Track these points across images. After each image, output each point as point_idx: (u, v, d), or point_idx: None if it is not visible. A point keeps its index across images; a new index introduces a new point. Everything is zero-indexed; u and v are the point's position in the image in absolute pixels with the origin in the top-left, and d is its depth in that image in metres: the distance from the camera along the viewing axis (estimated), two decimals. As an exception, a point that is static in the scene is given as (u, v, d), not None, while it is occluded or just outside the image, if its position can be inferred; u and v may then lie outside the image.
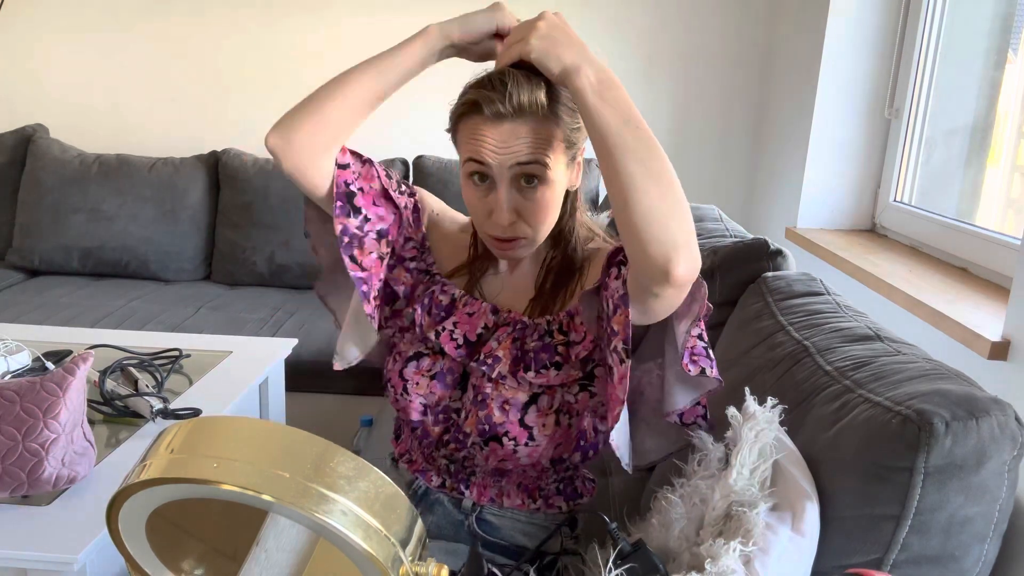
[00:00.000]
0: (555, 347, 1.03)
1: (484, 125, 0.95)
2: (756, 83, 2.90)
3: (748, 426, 0.88)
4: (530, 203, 0.98)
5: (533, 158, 0.95)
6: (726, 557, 0.78)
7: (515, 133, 0.94)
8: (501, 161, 0.95)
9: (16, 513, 1.12)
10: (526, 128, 0.94)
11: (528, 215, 0.98)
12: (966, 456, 0.79)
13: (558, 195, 1.00)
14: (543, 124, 0.95)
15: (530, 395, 1.02)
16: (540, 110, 0.94)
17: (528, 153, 0.95)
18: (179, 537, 0.66)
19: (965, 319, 1.46)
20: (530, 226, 0.99)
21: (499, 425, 1.02)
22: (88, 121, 3.06)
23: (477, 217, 1.01)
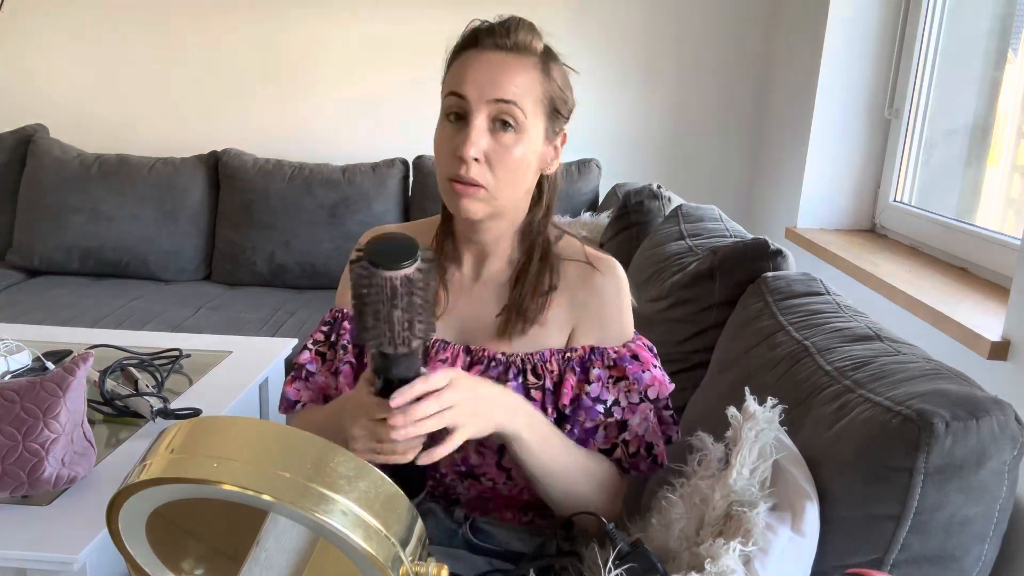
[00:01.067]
0: (528, 390, 1.01)
1: (477, 58, 0.95)
2: (756, 83, 2.90)
3: (748, 426, 0.88)
4: (500, 149, 0.94)
5: (514, 98, 0.93)
6: (726, 557, 0.78)
7: (504, 67, 0.94)
8: (481, 92, 0.93)
9: (16, 513, 1.12)
10: (517, 68, 0.94)
11: (495, 162, 0.94)
12: (966, 456, 0.79)
13: (530, 157, 0.97)
14: (534, 73, 0.95)
15: None
16: (536, 56, 0.96)
17: (511, 92, 0.93)
18: (179, 537, 0.66)
19: (965, 319, 1.46)
20: (494, 175, 0.95)
21: (476, 467, 1.00)
22: (88, 121, 3.06)
23: (441, 159, 0.97)
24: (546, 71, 0.97)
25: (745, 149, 2.96)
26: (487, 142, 0.94)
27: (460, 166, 0.94)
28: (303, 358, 1.09)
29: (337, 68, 2.97)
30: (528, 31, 0.97)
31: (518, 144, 0.95)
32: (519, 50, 0.95)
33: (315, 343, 1.09)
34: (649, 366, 1.03)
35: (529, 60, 0.96)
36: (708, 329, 1.43)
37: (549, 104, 0.97)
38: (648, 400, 1.02)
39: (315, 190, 2.78)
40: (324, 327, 1.10)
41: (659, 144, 2.97)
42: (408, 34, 2.92)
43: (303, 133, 3.03)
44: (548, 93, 0.97)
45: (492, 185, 0.95)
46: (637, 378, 1.01)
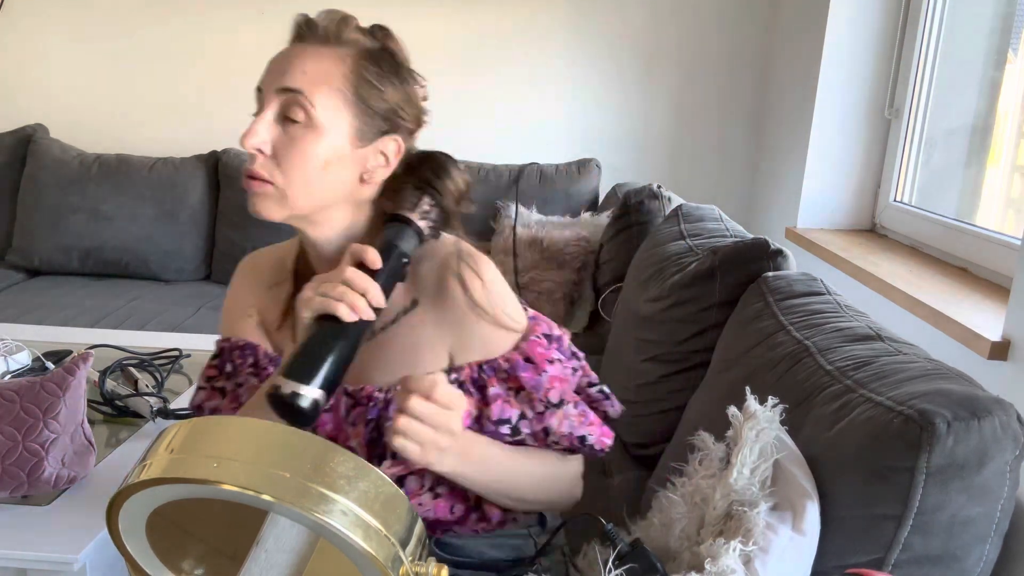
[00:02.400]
0: None
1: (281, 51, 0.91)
2: (756, 83, 2.90)
3: (749, 426, 0.88)
4: (287, 141, 0.86)
5: (300, 87, 0.86)
6: (726, 557, 0.78)
7: (298, 55, 0.88)
8: (271, 81, 0.88)
9: (16, 513, 1.12)
10: (310, 56, 0.88)
11: (282, 155, 0.86)
12: (968, 456, 0.79)
13: (327, 155, 0.87)
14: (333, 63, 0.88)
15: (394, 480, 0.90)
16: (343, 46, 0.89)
17: (296, 80, 0.86)
18: (179, 537, 0.66)
19: (965, 319, 1.46)
20: (280, 170, 0.86)
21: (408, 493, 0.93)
22: (88, 121, 3.06)
23: None
24: (357, 67, 0.88)
25: (745, 149, 2.96)
26: (274, 134, 0.87)
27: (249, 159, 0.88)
28: (199, 399, 1.01)
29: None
30: (340, 23, 0.90)
31: (307, 138, 0.86)
32: (320, 40, 0.89)
33: (208, 380, 1.02)
34: (544, 365, 0.92)
35: (330, 50, 0.88)
36: (708, 329, 1.43)
37: (358, 103, 0.88)
38: (553, 406, 0.92)
39: (315, 190, 2.77)
40: (214, 361, 1.03)
41: (659, 144, 2.97)
42: (406, 34, 2.91)
43: (303, 133, 3.03)
44: (356, 89, 0.88)
45: (280, 181, 0.87)
46: (535, 386, 0.91)
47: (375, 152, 0.91)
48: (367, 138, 0.90)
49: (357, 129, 0.89)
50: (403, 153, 0.93)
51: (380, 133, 0.90)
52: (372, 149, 0.90)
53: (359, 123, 0.89)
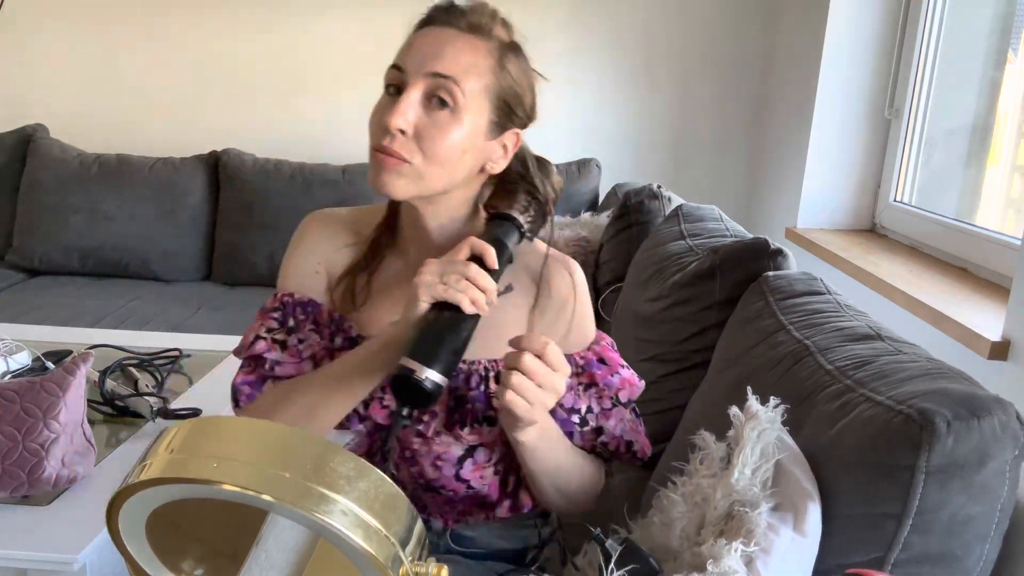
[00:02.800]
0: (490, 398, 0.96)
1: (426, 33, 0.90)
2: (756, 83, 2.90)
3: (750, 426, 0.88)
4: (432, 126, 0.87)
5: (454, 75, 0.86)
6: (728, 557, 0.78)
7: (451, 42, 0.88)
8: (421, 63, 0.87)
9: (16, 513, 1.12)
10: (464, 46, 0.88)
11: (425, 137, 0.87)
12: (968, 455, 0.79)
13: (467, 143, 0.89)
14: (484, 57, 0.89)
15: (465, 449, 0.95)
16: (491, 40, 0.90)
17: (451, 68, 0.87)
18: (179, 537, 0.66)
19: (965, 319, 1.46)
20: (421, 151, 0.87)
21: (434, 480, 0.96)
22: (88, 121, 3.06)
23: (371, 132, 0.92)
24: (502, 61, 0.90)
25: (745, 149, 2.96)
26: (418, 115, 0.87)
27: (385, 136, 0.88)
28: (259, 348, 0.98)
29: (337, 68, 2.97)
30: (490, 17, 0.91)
31: (453, 125, 0.87)
32: (473, 31, 0.90)
33: (269, 331, 1.00)
34: (617, 368, 0.99)
35: (482, 43, 0.89)
36: (709, 328, 1.43)
37: (498, 95, 0.90)
38: (621, 404, 0.99)
39: (315, 190, 2.77)
40: (274, 314, 1.01)
41: (659, 144, 2.97)
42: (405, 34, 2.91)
43: (303, 133, 3.03)
44: (499, 83, 0.90)
45: (418, 161, 0.88)
46: (607, 383, 0.98)
47: (499, 144, 0.94)
48: (497, 131, 0.92)
49: (491, 122, 0.91)
50: (519, 146, 0.96)
51: (507, 127, 0.93)
52: (498, 141, 0.93)
53: (494, 116, 0.91)
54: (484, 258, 0.87)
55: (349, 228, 1.04)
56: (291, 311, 1.01)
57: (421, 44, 0.89)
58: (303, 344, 0.99)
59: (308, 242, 1.04)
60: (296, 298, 1.01)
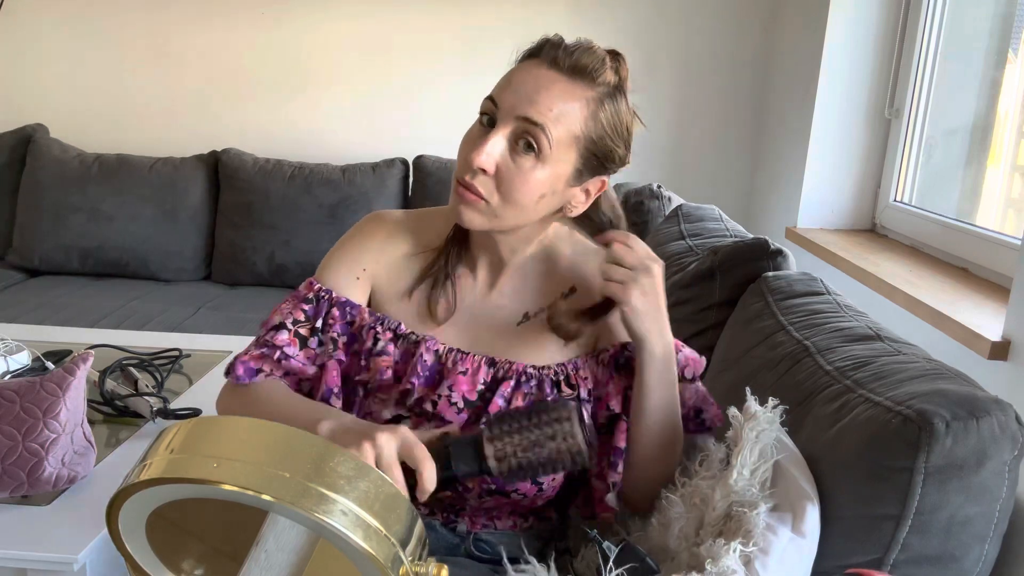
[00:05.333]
0: None
1: (528, 69, 0.88)
2: (756, 83, 2.90)
3: (749, 426, 0.88)
4: (514, 168, 0.87)
5: (543, 122, 0.85)
6: (726, 558, 0.78)
7: (547, 87, 0.86)
8: (514, 104, 0.86)
9: (16, 513, 1.12)
10: (560, 93, 0.86)
11: (505, 179, 0.87)
12: (966, 456, 0.79)
13: (546, 188, 0.89)
14: (579, 105, 0.87)
15: None
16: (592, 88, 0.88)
17: (542, 115, 0.86)
18: (179, 537, 0.66)
19: (965, 319, 1.46)
20: (500, 193, 0.88)
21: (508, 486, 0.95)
22: (88, 121, 3.06)
23: (459, 160, 0.92)
24: (595, 110, 0.88)
25: (745, 149, 2.96)
26: (502, 156, 0.87)
27: (468, 172, 0.88)
28: (280, 339, 0.97)
29: (337, 68, 2.97)
30: (596, 59, 0.88)
31: (536, 170, 0.87)
32: (574, 74, 0.87)
33: (295, 323, 0.98)
34: (680, 347, 1.00)
35: (581, 90, 0.87)
36: (708, 329, 1.43)
37: (587, 145, 0.89)
38: (686, 380, 1.01)
39: (315, 190, 2.78)
40: (306, 305, 0.99)
41: (659, 144, 2.97)
42: (408, 34, 2.92)
43: (303, 133, 3.03)
44: (588, 133, 0.88)
45: (495, 202, 0.89)
46: None
47: (582, 190, 0.94)
48: (581, 178, 0.92)
49: (576, 170, 0.91)
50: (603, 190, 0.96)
51: (593, 174, 0.93)
52: (580, 188, 0.93)
53: (580, 165, 0.90)
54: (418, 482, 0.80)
55: (411, 236, 1.03)
56: (325, 308, 0.99)
57: (519, 82, 0.88)
58: (320, 348, 0.98)
59: (362, 242, 1.03)
60: (335, 296, 1.00)
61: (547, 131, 0.86)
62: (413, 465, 0.80)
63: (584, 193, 0.94)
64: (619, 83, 0.91)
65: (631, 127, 0.94)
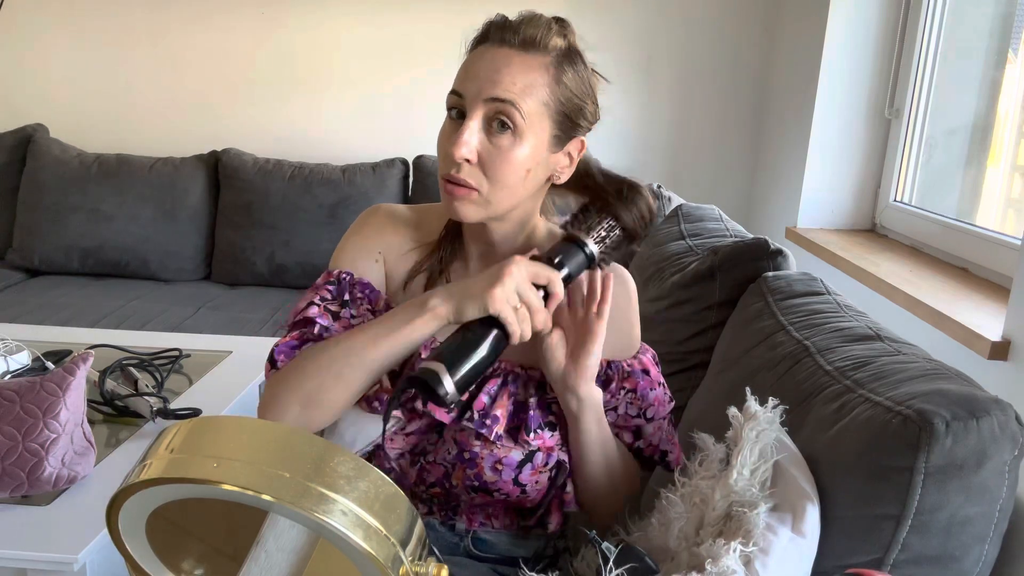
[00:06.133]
0: (549, 404, 0.98)
1: (481, 54, 0.90)
2: (756, 83, 2.90)
3: (749, 426, 0.88)
4: (495, 150, 0.88)
5: (511, 98, 0.87)
6: (727, 557, 0.78)
7: (506, 65, 0.88)
8: (479, 89, 0.88)
9: (16, 513, 1.12)
10: (519, 66, 0.88)
11: (489, 163, 0.88)
12: (966, 456, 0.79)
13: (530, 162, 0.90)
14: (540, 73, 0.89)
15: (525, 453, 0.95)
16: (547, 54, 0.90)
17: (508, 91, 0.87)
18: (179, 537, 0.66)
19: (965, 319, 1.46)
20: (488, 177, 0.89)
21: (491, 483, 0.96)
22: (88, 121, 3.06)
23: (439, 157, 0.92)
24: (557, 73, 0.90)
25: (745, 149, 2.96)
26: (480, 143, 0.88)
27: (452, 166, 0.89)
28: (312, 312, 0.97)
29: (337, 68, 2.97)
30: (543, 27, 0.90)
31: (515, 147, 0.88)
32: (527, 47, 0.89)
33: (323, 300, 0.99)
34: (655, 384, 1.02)
35: (537, 59, 0.89)
36: (708, 329, 1.43)
37: (557, 109, 0.90)
38: (644, 419, 1.02)
39: (315, 190, 2.78)
40: (329, 287, 1.00)
41: (659, 144, 2.97)
42: (408, 34, 2.92)
43: (303, 133, 3.03)
44: (556, 96, 0.90)
45: (486, 189, 0.90)
46: (643, 395, 1.01)
47: (564, 154, 0.95)
48: (561, 143, 0.93)
49: (553, 136, 0.92)
50: (584, 151, 0.98)
51: (570, 137, 0.94)
52: (562, 152, 0.95)
53: (556, 130, 0.92)
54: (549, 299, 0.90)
55: (412, 230, 1.05)
56: (347, 287, 1.01)
57: (477, 68, 0.89)
58: (355, 319, 0.98)
59: (370, 231, 1.04)
60: (355, 277, 1.01)
61: (517, 105, 0.87)
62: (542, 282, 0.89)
63: (567, 157, 0.96)
64: (570, 45, 0.94)
65: (593, 83, 0.97)
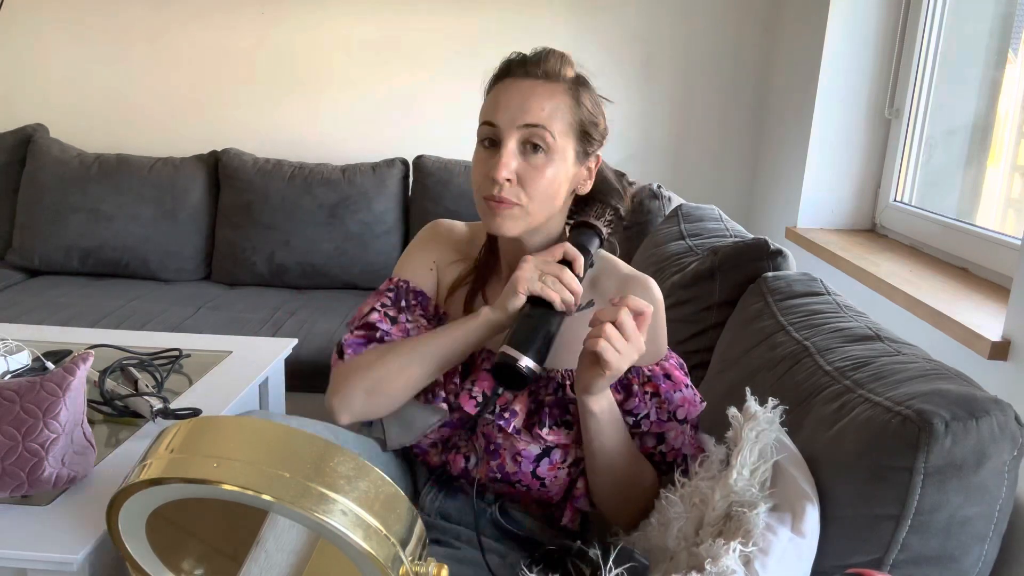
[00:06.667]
0: (567, 404, 1.04)
1: (508, 87, 1.01)
2: (756, 83, 2.90)
3: (749, 426, 0.88)
4: (531, 169, 1.00)
5: (542, 122, 0.99)
6: (726, 557, 0.78)
7: (533, 94, 1.00)
8: (512, 117, 0.99)
9: (16, 513, 1.12)
10: (545, 94, 1.00)
11: (527, 181, 1.00)
12: (966, 456, 0.79)
13: (561, 177, 1.02)
14: (563, 98, 1.01)
15: (543, 448, 1.03)
16: (565, 82, 1.02)
17: (539, 117, 0.99)
18: (179, 537, 0.66)
19: (965, 319, 1.46)
20: (526, 193, 1.00)
21: (512, 474, 1.04)
22: (88, 121, 3.06)
23: (476, 181, 1.03)
24: (576, 97, 1.02)
25: (745, 149, 2.96)
26: (518, 164, 0.99)
27: (494, 187, 0.99)
28: (373, 317, 1.10)
29: (337, 68, 2.97)
30: (557, 59, 1.03)
31: (549, 165, 1.00)
32: (548, 77, 1.01)
33: (383, 306, 1.12)
34: (681, 386, 1.06)
35: (558, 87, 1.01)
36: (708, 329, 1.43)
37: (579, 128, 1.02)
38: (676, 420, 1.05)
39: (315, 190, 2.78)
40: (389, 293, 1.13)
41: (659, 144, 2.97)
42: (408, 35, 2.92)
43: (303, 133, 3.03)
44: (578, 117, 1.02)
45: (525, 201, 1.00)
46: (668, 398, 1.04)
47: (585, 168, 1.07)
48: (582, 159, 1.05)
49: (577, 152, 1.04)
50: (600, 164, 1.09)
51: (588, 152, 1.06)
52: (584, 166, 1.06)
53: (579, 147, 1.04)
54: (573, 264, 1.00)
55: (462, 245, 1.17)
56: (404, 294, 1.14)
57: (507, 99, 1.01)
58: (411, 324, 1.11)
59: (428, 242, 1.18)
60: (411, 286, 1.15)
61: (548, 128, 0.99)
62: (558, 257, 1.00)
63: (588, 171, 1.07)
64: (578, 75, 1.06)
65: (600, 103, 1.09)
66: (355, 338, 1.10)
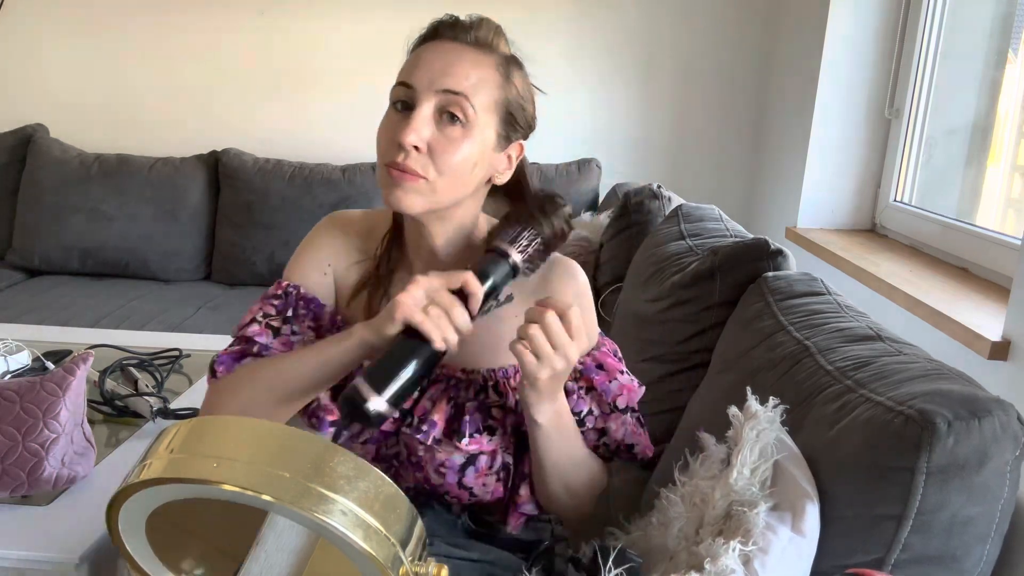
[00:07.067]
0: (489, 408, 0.97)
1: (432, 48, 0.91)
2: (756, 83, 2.90)
3: (749, 426, 0.88)
4: (445, 140, 0.88)
5: (465, 91, 0.88)
6: (726, 557, 0.78)
7: (460, 58, 0.89)
8: (431, 80, 0.88)
9: (16, 513, 1.12)
10: (473, 61, 0.90)
11: (437, 152, 0.88)
12: (968, 456, 0.79)
13: (476, 156, 0.90)
14: (491, 72, 0.91)
15: (467, 456, 0.95)
16: (497, 55, 0.92)
17: (461, 84, 0.88)
18: (179, 537, 0.66)
19: (965, 319, 1.46)
20: (435, 167, 0.88)
21: (438, 486, 0.97)
22: (88, 121, 3.06)
23: (380, 147, 0.91)
24: (506, 75, 0.92)
25: (745, 149, 2.96)
26: (431, 133, 0.88)
27: (399, 153, 0.88)
28: (252, 330, 0.98)
29: (337, 68, 2.97)
30: (493, 31, 0.94)
31: (465, 140, 0.89)
32: (479, 45, 0.91)
33: (265, 316, 1.00)
34: (615, 374, 0.99)
35: (488, 58, 0.91)
36: (708, 329, 1.42)
37: (504, 107, 0.92)
38: (618, 411, 1.00)
39: (315, 190, 2.78)
40: (275, 300, 1.02)
41: (659, 144, 2.97)
42: (408, 34, 2.91)
43: (303, 133, 3.03)
44: (505, 95, 0.91)
45: (433, 178, 0.89)
46: (605, 390, 0.98)
47: (505, 155, 0.95)
48: (503, 144, 0.94)
49: (499, 135, 0.93)
50: (522, 155, 0.98)
51: (511, 139, 0.95)
52: (504, 153, 0.95)
53: (501, 129, 0.93)
54: (469, 301, 0.86)
55: (361, 239, 1.05)
56: (293, 302, 1.02)
57: (430, 60, 0.90)
58: (295, 336, 1.00)
59: (321, 240, 1.06)
60: (301, 292, 1.02)
61: (470, 98, 0.88)
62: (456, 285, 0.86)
63: (508, 159, 0.96)
64: (512, 54, 0.96)
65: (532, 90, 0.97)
66: (228, 354, 0.98)
